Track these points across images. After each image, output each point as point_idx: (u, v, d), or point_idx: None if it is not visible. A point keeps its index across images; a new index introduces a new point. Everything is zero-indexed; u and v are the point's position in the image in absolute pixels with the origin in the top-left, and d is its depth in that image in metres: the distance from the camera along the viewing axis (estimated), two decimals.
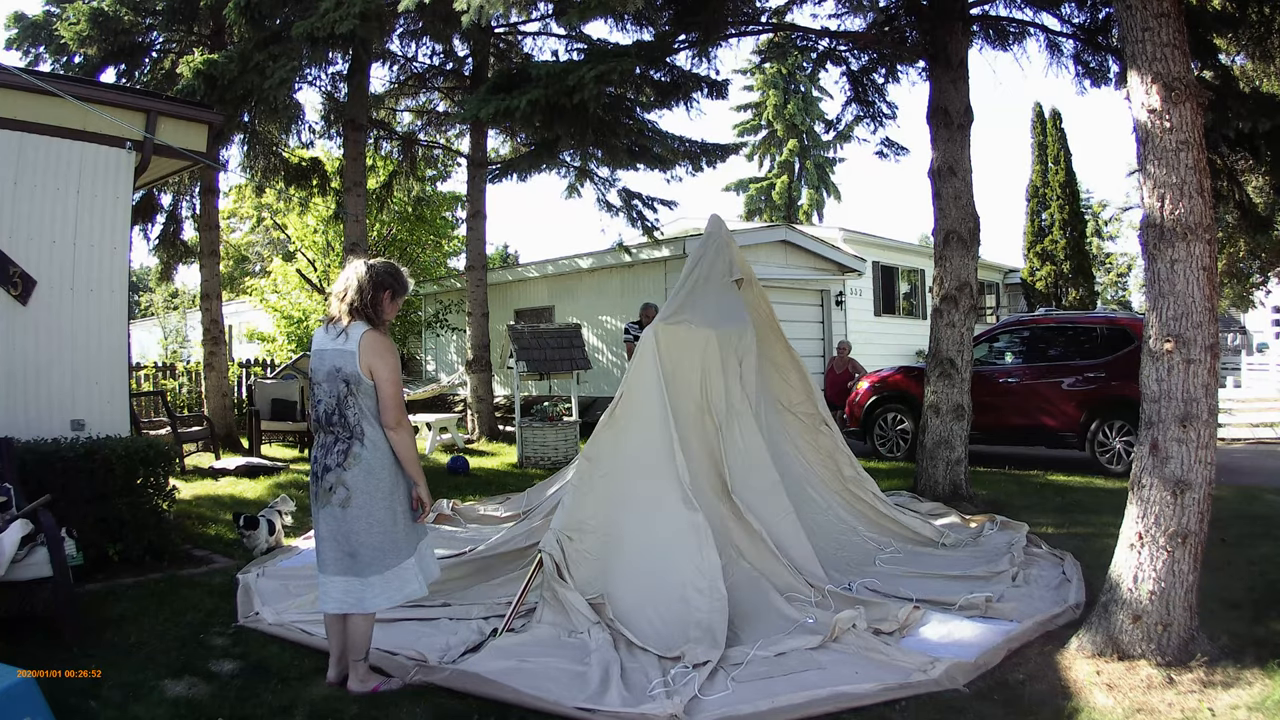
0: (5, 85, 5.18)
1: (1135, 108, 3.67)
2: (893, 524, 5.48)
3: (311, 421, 3.33)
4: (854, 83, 8.65)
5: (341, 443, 3.18)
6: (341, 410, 3.18)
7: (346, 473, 3.15)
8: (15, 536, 3.69)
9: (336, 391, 3.19)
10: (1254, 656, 3.37)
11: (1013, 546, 5.11)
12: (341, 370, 3.17)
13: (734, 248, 5.33)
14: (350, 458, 3.16)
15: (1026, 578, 4.59)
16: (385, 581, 3.21)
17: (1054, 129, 18.60)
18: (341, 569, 3.20)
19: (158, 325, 18.20)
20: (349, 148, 10.31)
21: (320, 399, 3.24)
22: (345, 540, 3.18)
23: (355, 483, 3.15)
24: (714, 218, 5.44)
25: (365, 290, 3.20)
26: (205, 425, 9.88)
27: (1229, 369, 17.62)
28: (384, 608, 3.30)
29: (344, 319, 3.21)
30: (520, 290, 14.92)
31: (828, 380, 11.97)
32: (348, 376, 3.16)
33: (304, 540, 5.85)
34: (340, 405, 3.18)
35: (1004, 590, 4.36)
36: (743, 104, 32.35)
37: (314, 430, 3.32)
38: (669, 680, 3.31)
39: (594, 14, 6.17)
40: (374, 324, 3.22)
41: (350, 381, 3.16)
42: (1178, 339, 3.47)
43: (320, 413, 3.24)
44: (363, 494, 3.15)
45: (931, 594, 4.33)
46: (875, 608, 4.02)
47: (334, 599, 3.21)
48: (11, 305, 5.10)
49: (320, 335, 3.30)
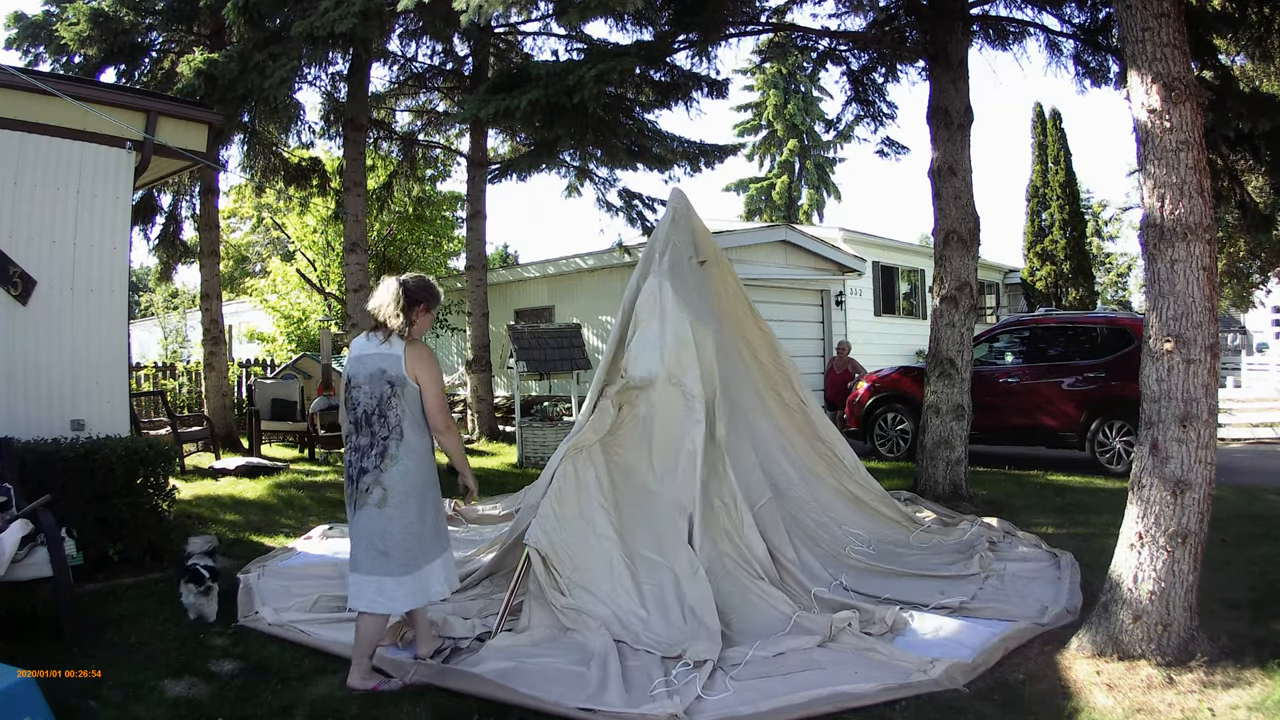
0: (5, 85, 5.17)
1: (1135, 108, 3.67)
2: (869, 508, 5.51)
3: (346, 425, 3.45)
4: (854, 82, 8.65)
5: (378, 445, 3.31)
6: (383, 410, 3.32)
7: (384, 474, 3.29)
8: (15, 536, 3.69)
9: (379, 393, 3.33)
10: (1254, 656, 3.38)
11: (976, 549, 5.09)
12: (386, 373, 3.33)
13: (696, 223, 5.19)
14: (387, 459, 3.30)
15: (1001, 577, 4.63)
16: (414, 581, 3.34)
17: (1054, 129, 18.60)
18: (375, 569, 3.30)
19: (158, 325, 18.18)
20: (349, 148, 10.31)
21: (359, 401, 3.37)
22: (380, 539, 3.30)
23: (392, 483, 3.29)
24: (675, 191, 5.34)
25: (400, 305, 3.36)
26: (205, 425, 9.88)
27: (1229, 369, 17.62)
28: (410, 609, 3.42)
29: (385, 330, 3.40)
30: (520, 290, 14.92)
31: (828, 380, 11.97)
32: (392, 379, 3.32)
33: (303, 541, 5.85)
34: (381, 405, 3.33)
35: (975, 591, 4.39)
36: (743, 104, 32.34)
37: (348, 435, 3.42)
38: (671, 680, 3.31)
39: (594, 14, 6.16)
40: (412, 336, 3.41)
41: (395, 384, 3.32)
42: (1178, 339, 3.47)
43: (359, 414, 3.36)
44: (398, 494, 3.29)
45: (902, 594, 4.35)
46: (863, 610, 4.03)
47: (367, 597, 3.32)
48: (11, 305, 5.10)
49: (361, 341, 3.47)
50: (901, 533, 5.48)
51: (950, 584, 4.54)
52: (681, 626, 3.78)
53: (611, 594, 3.96)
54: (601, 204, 11.73)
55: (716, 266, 5.30)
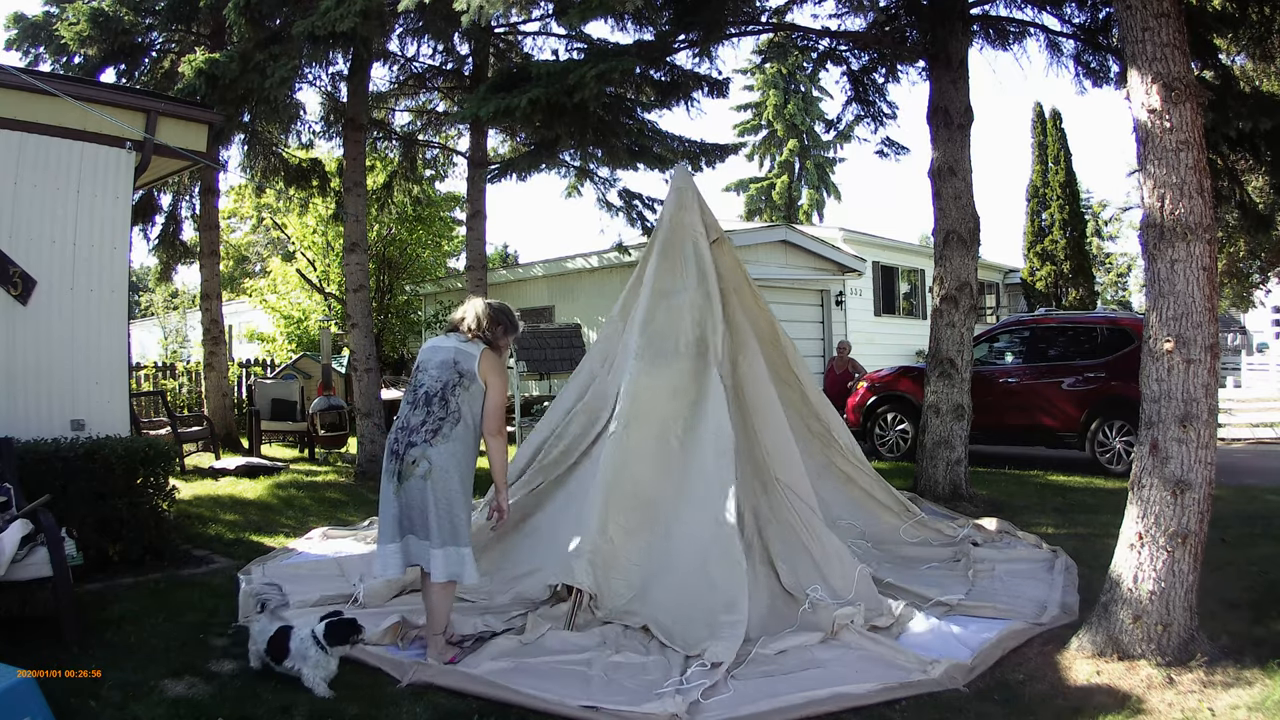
0: (5, 85, 5.17)
1: (1135, 108, 3.67)
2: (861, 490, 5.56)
3: (403, 406, 3.67)
4: (854, 82, 8.65)
5: (433, 423, 3.53)
6: (445, 395, 3.57)
7: (433, 449, 3.48)
8: (15, 536, 3.68)
9: (446, 379, 3.60)
10: (1254, 656, 3.37)
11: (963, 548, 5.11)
12: (459, 364, 3.61)
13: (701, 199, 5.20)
14: (440, 436, 3.50)
15: (994, 575, 4.65)
16: (446, 556, 3.46)
17: (1054, 129, 18.59)
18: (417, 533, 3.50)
19: (158, 325, 18.17)
20: (349, 148, 10.29)
21: (422, 383, 3.64)
22: (421, 510, 3.47)
23: (438, 459, 3.48)
24: (680, 168, 5.32)
25: (485, 321, 3.72)
26: (205, 425, 9.87)
27: (1229, 369, 17.63)
28: (441, 580, 3.51)
29: (468, 331, 3.71)
30: (520, 290, 14.92)
31: (828, 380, 11.96)
32: (463, 371, 3.60)
33: (303, 541, 5.85)
34: (445, 391, 3.58)
35: (967, 589, 4.40)
36: (743, 104, 32.31)
37: (403, 410, 3.65)
38: (684, 680, 3.30)
39: (594, 14, 6.16)
40: (491, 346, 3.71)
41: (465, 375, 3.59)
42: (1178, 339, 3.47)
43: (420, 395, 3.62)
44: (442, 470, 3.47)
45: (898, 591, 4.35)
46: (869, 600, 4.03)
47: (395, 564, 3.57)
48: (11, 305, 5.10)
49: (439, 338, 3.81)
50: (894, 520, 5.49)
51: (943, 581, 4.54)
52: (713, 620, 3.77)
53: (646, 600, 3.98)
54: (602, 204, 11.71)
55: (722, 248, 5.27)
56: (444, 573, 3.46)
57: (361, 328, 8.78)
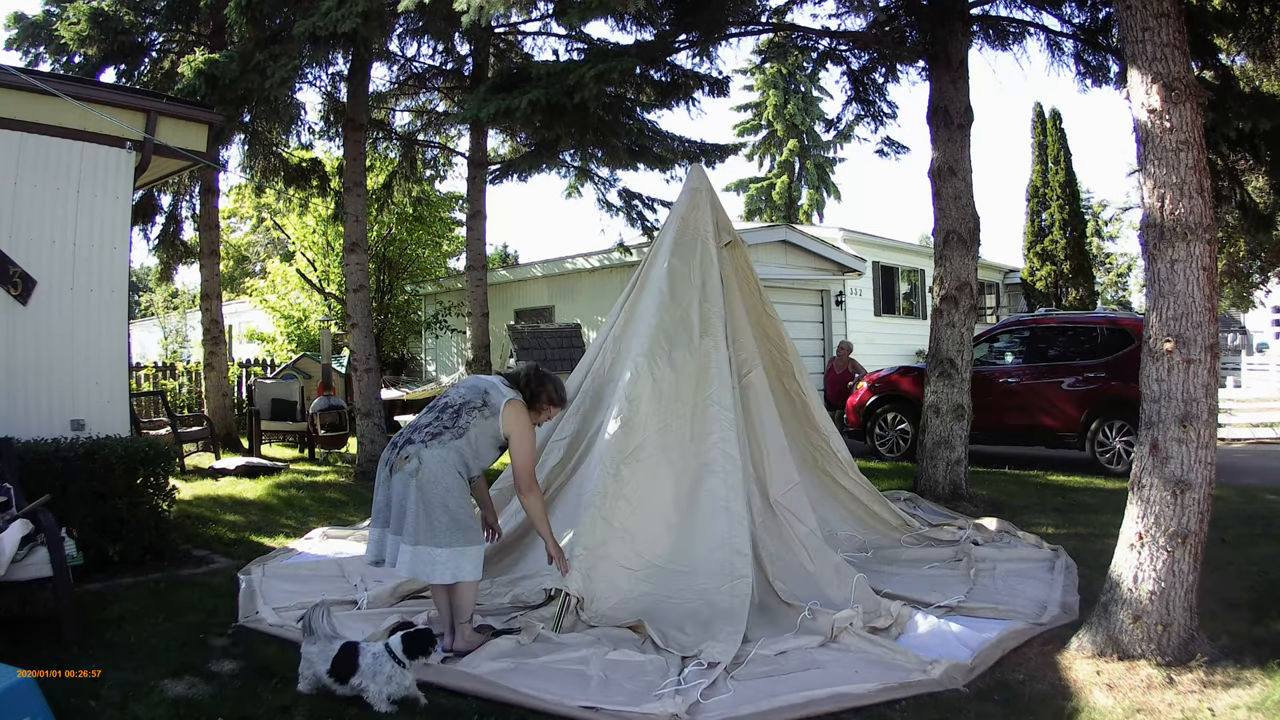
0: (5, 85, 5.17)
1: (1135, 108, 3.67)
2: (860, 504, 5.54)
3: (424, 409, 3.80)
4: (854, 82, 8.65)
5: (437, 427, 3.59)
6: (460, 410, 3.65)
7: (427, 450, 3.52)
8: (15, 536, 3.68)
9: (469, 399, 3.69)
10: (1254, 656, 3.37)
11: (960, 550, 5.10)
12: (489, 394, 3.71)
13: (716, 200, 5.17)
14: (437, 441, 3.54)
15: (993, 575, 4.64)
16: (415, 554, 3.46)
17: (1054, 129, 18.59)
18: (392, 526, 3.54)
19: (158, 325, 18.18)
20: (349, 148, 10.29)
21: (447, 395, 3.78)
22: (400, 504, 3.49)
23: (429, 459, 3.50)
24: (696, 168, 5.29)
25: (533, 376, 3.86)
26: (205, 425, 9.88)
27: (1229, 369, 17.63)
28: (446, 581, 3.53)
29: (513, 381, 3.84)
30: (520, 290, 14.91)
31: (828, 380, 11.96)
32: (489, 401, 3.68)
33: (303, 541, 5.85)
34: (463, 407, 3.66)
35: (967, 589, 4.40)
36: (743, 104, 32.32)
37: (418, 416, 3.77)
38: (681, 680, 3.30)
39: (594, 14, 6.16)
40: (528, 402, 3.78)
41: (488, 405, 3.67)
42: (1178, 339, 3.47)
43: (439, 403, 3.74)
44: (430, 471, 3.49)
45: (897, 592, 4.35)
46: (869, 602, 4.03)
47: (372, 550, 3.64)
48: (11, 305, 5.10)
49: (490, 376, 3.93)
50: (895, 535, 5.47)
51: (944, 583, 4.53)
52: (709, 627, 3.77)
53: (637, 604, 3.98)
54: (602, 204, 11.71)
55: (736, 249, 5.24)
56: (408, 569, 3.50)
57: (361, 328, 8.79)
